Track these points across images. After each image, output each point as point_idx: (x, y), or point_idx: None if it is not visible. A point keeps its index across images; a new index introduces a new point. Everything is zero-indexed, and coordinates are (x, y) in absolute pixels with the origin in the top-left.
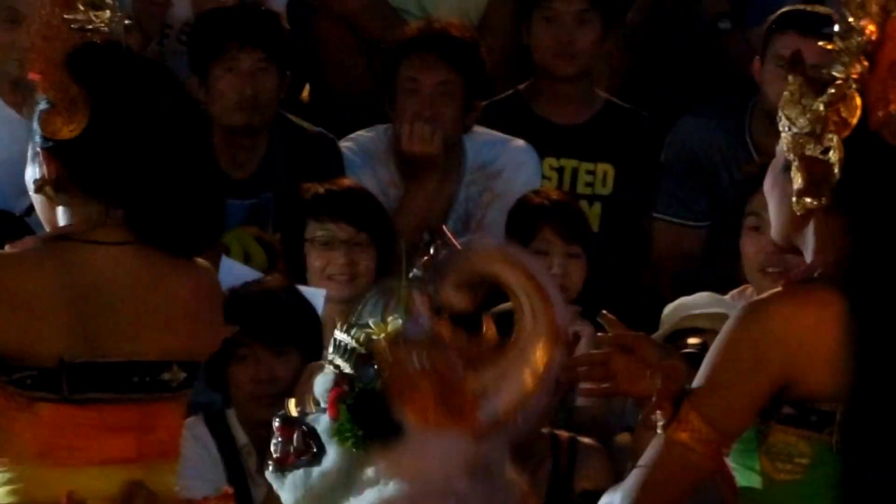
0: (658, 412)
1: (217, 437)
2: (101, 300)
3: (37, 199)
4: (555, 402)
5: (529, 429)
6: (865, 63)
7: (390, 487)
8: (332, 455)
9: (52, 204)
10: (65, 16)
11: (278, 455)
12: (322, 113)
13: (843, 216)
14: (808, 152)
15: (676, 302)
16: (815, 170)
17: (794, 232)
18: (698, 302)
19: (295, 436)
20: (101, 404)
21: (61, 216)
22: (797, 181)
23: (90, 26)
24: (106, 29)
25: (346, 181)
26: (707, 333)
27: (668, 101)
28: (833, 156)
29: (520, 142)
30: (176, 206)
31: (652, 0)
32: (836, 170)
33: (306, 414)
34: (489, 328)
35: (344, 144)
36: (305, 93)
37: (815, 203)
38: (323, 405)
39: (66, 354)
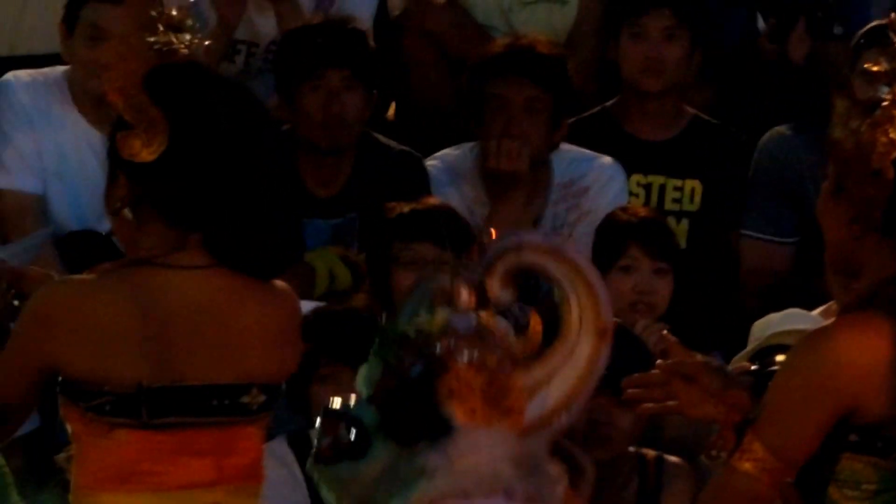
0: (721, 442)
1: (301, 459)
2: (178, 325)
3: (114, 221)
4: (641, 421)
5: (572, 425)
6: None
7: (440, 481)
8: (377, 449)
9: (128, 226)
10: (146, 38)
11: (322, 448)
12: (408, 131)
13: (894, 239)
14: (857, 175)
15: (765, 319)
16: (865, 193)
17: (849, 256)
18: (786, 319)
19: (340, 429)
20: (180, 429)
21: (139, 240)
22: (849, 203)
23: (170, 48)
24: (186, 51)
25: (432, 200)
26: None
27: (756, 116)
28: (883, 178)
29: (607, 158)
30: (253, 229)
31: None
32: (887, 192)
33: (350, 406)
34: (535, 324)
35: (430, 163)
36: (391, 111)
37: (866, 226)
38: (366, 397)
39: (144, 380)
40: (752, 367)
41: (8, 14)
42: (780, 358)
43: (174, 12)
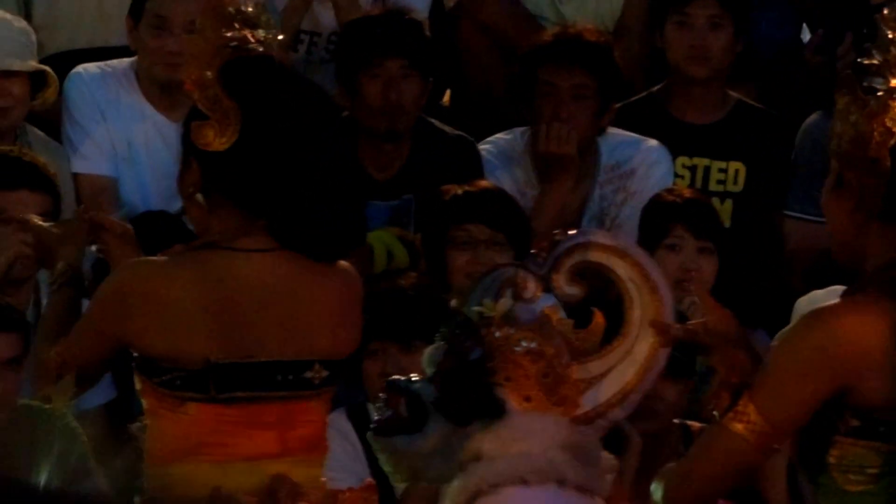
0: (715, 401)
1: (359, 431)
2: (244, 305)
3: (187, 203)
4: (686, 393)
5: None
6: None
7: (498, 465)
8: (433, 425)
9: (200, 210)
10: (223, 33)
11: (382, 419)
12: (463, 117)
13: (894, 225)
14: (857, 164)
15: (808, 296)
16: (865, 181)
17: (854, 243)
18: (830, 296)
19: (400, 403)
20: (247, 403)
21: (210, 223)
22: (850, 194)
23: (246, 44)
24: (261, 47)
25: (484, 183)
26: None
27: (798, 111)
28: (881, 166)
29: (653, 142)
30: (317, 216)
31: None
32: (885, 179)
33: (414, 382)
34: (598, 320)
35: (482, 147)
36: (447, 98)
37: (867, 214)
38: (429, 375)
39: (212, 356)
40: None
41: (87, 6)
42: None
43: (250, 8)
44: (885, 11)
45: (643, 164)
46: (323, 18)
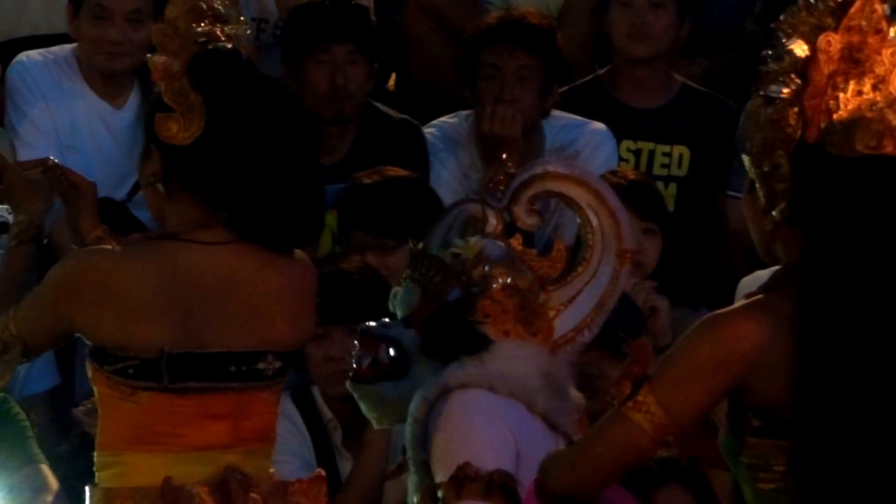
0: (615, 390)
1: (304, 414)
2: (200, 296)
3: (146, 192)
4: None
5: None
6: (799, 81)
7: (470, 368)
8: (418, 369)
9: (159, 199)
10: (192, 26)
11: (362, 368)
12: (408, 101)
13: (799, 228)
14: (764, 168)
15: (752, 276)
16: (770, 185)
17: (771, 245)
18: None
19: (380, 350)
20: (200, 393)
21: (168, 213)
22: (759, 197)
23: (215, 39)
24: (229, 43)
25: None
26: None
27: (743, 91)
28: (783, 171)
29: (597, 124)
30: (279, 209)
31: None
32: (787, 185)
33: (388, 327)
34: (559, 247)
35: (427, 130)
36: (392, 82)
37: (775, 217)
38: (400, 318)
39: (166, 346)
40: None
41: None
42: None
43: (219, 3)
44: (782, 18)
45: (588, 146)
46: (271, 5)
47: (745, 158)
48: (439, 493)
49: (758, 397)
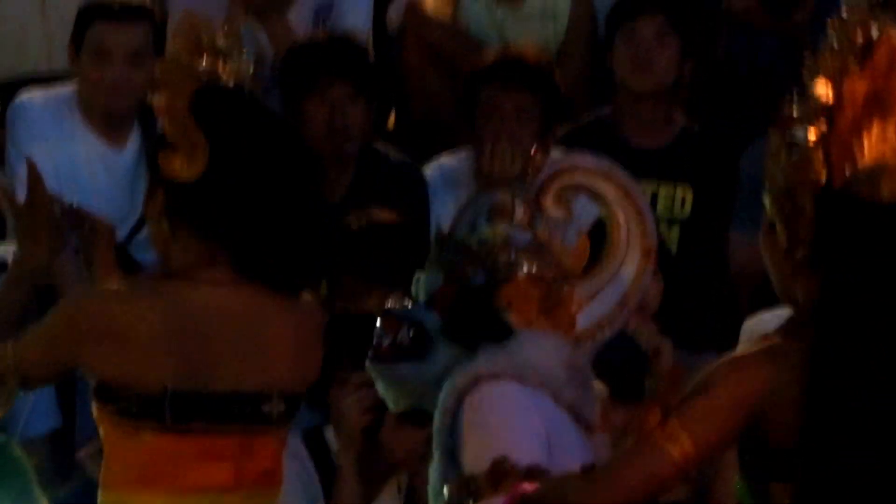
0: (646, 417)
1: (314, 455)
2: (204, 336)
3: (151, 230)
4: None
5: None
6: (824, 126)
7: (500, 358)
8: (439, 351)
9: (164, 237)
10: (195, 62)
11: (382, 348)
12: (407, 140)
13: (819, 270)
14: (786, 211)
15: (756, 317)
16: (793, 227)
17: (790, 286)
18: (776, 316)
19: (401, 331)
20: (203, 433)
21: (172, 251)
22: (780, 239)
23: (217, 76)
24: (232, 80)
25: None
26: None
27: (745, 121)
28: (806, 214)
29: None
30: (283, 249)
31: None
32: (810, 229)
33: (412, 310)
34: (583, 242)
35: (427, 171)
36: (391, 120)
37: (797, 259)
38: (422, 301)
39: (169, 384)
40: None
41: (31, 32)
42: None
43: (222, 39)
44: (807, 62)
45: None
46: (265, 46)
47: (766, 198)
48: (472, 486)
49: (771, 440)
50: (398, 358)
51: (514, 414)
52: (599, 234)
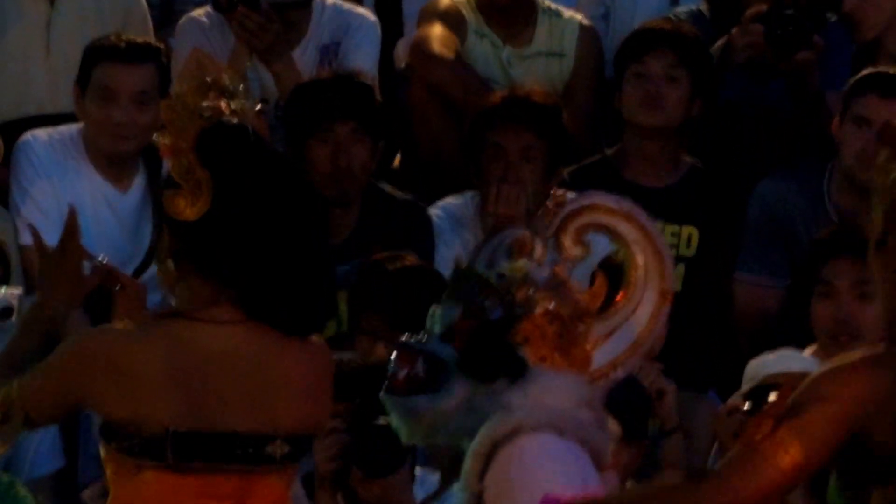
0: (757, 428)
1: (310, 495)
2: (208, 375)
3: (160, 270)
4: (640, 456)
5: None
6: None
7: (538, 412)
8: (454, 385)
9: (171, 277)
10: (199, 101)
11: (398, 380)
12: (412, 180)
13: None
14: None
15: (759, 358)
16: None
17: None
18: (780, 360)
19: (416, 363)
20: (204, 473)
21: (179, 290)
22: (892, 256)
23: (220, 114)
24: (235, 118)
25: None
26: (787, 390)
27: (751, 163)
28: None
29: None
30: (288, 289)
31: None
32: None
33: (426, 342)
34: (601, 281)
35: (433, 212)
36: (397, 161)
37: None
38: (438, 333)
39: (171, 424)
40: (746, 407)
41: (35, 73)
42: (773, 398)
43: (226, 78)
44: None
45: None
46: (270, 85)
47: (876, 213)
48: None
49: (874, 446)
50: (413, 390)
51: (554, 466)
52: (616, 274)
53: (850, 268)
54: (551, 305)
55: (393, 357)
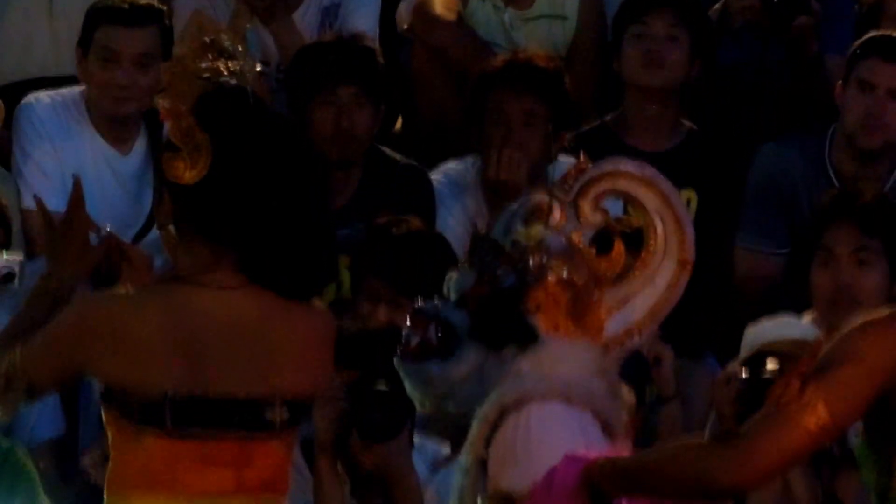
0: (785, 390)
1: (312, 465)
2: (207, 340)
3: (161, 235)
4: (638, 420)
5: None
6: None
7: (549, 380)
8: (466, 351)
9: (172, 242)
10: (198, 63)
11: (410, 346)
12: (414, 144)
13: None
14: None
15: (756, 325)
16: None
17: None
18: (778, 326)
19: (430, 329)
20: (203, 439)
21: (180, 255)
22: None
23: (220, 76)
24: (234, 79)
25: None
26: (786, 357)
27: (751, 127)
28: None
29: None
30: (288, 252)
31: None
32: None
33: (442, 308)
34: (619, 248)
35: (434, 177)
36: (398, 124)
37: None
38: (453, 299)
39: (169, 389)
40: (744, 374)
41: (38, 35)
42: (770, 366)
43: (226, 41)
44: None
45: None
46: (271, 47)
47: None
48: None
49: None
50: (425, 356)
51: (560, 435)
52: (634, 241)
53: (849, 234)
54: (564, 273)
55: (407, 322)
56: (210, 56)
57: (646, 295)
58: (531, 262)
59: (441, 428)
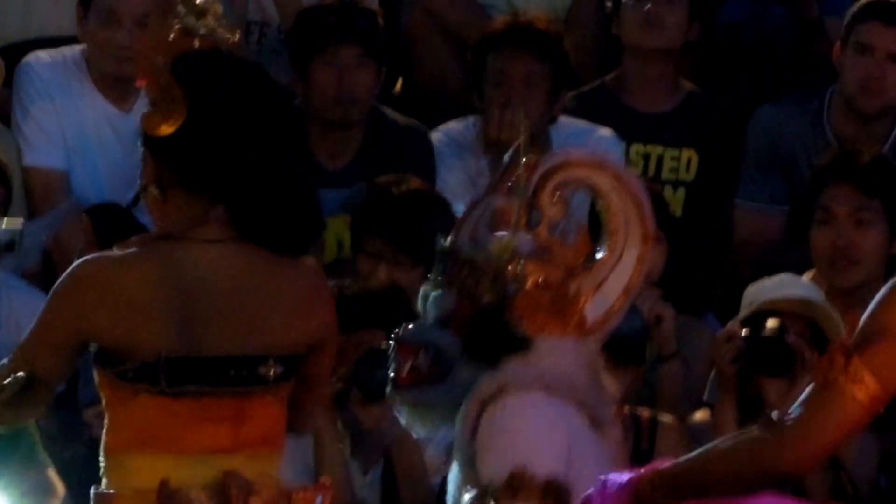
0: (829, 364)
1: None
2: (200, 297)
3: (146, 197)
4: (637, 382)
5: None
6: None
7: (529, 369)
8: (461, 371)
9: (157, 202)
10: (170, 21)
11: (403, 377)
12: (414, 105)
13: None
14: None
15: (757, 283)
16: None
17: None
18: (779, 285)
19: (418, 356)
20: (198, 397)
21: (167, 215)
22: None
23: (193, 33)
24: (210, 35)
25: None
26: (786, 316)
27: (750, 88)
28: None
29: (605, 130)
30: (275, 204)
31: None
32: None
33: (424, 330)
34: (582, 235)
35: (434, 136)
36: (398, 86)
37: None
38: (434, 320)
39: (164, 349)
40: (744, 333)
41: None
42: (770, 324)
43: None
44: None
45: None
46: (272, 8)
47: None
48: (489, 494)
49: None
50: (419, 383)
51: (536, 424)
52: (598, 225)
53: (848, 194)
54: (541, 278)
55: (393, 353)
56: (182, 13)
57: (616, 276)
58: (508, 273)
59: None
